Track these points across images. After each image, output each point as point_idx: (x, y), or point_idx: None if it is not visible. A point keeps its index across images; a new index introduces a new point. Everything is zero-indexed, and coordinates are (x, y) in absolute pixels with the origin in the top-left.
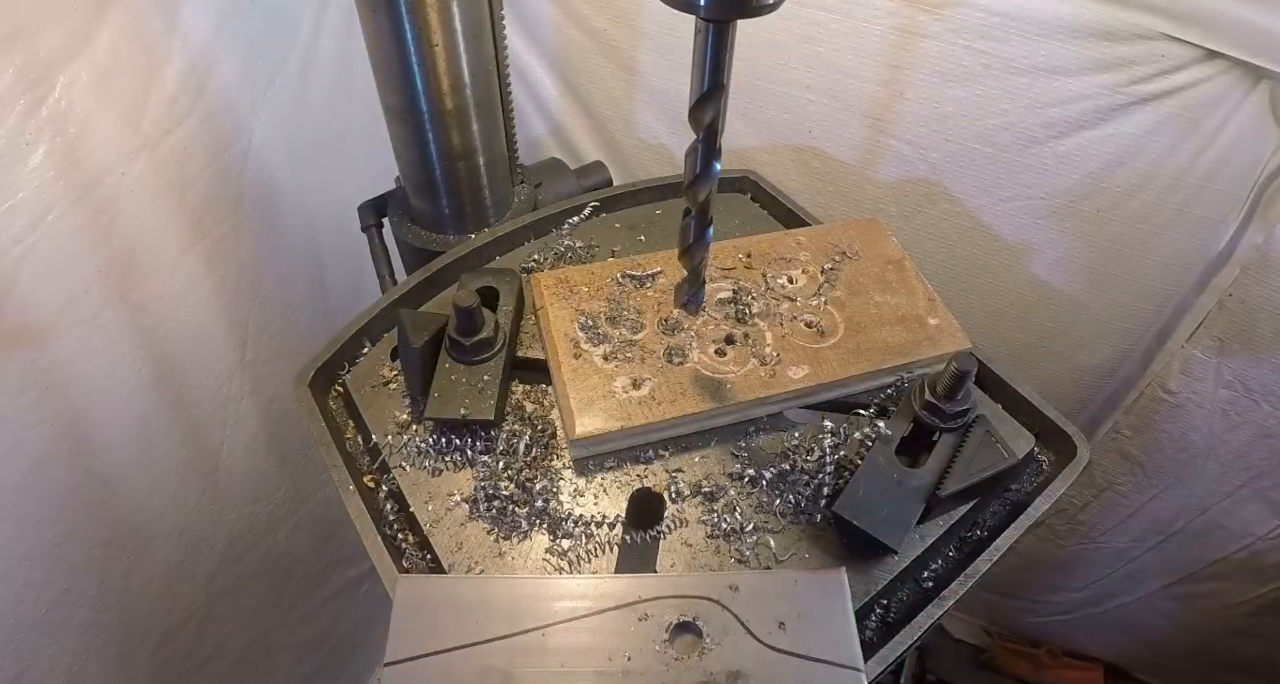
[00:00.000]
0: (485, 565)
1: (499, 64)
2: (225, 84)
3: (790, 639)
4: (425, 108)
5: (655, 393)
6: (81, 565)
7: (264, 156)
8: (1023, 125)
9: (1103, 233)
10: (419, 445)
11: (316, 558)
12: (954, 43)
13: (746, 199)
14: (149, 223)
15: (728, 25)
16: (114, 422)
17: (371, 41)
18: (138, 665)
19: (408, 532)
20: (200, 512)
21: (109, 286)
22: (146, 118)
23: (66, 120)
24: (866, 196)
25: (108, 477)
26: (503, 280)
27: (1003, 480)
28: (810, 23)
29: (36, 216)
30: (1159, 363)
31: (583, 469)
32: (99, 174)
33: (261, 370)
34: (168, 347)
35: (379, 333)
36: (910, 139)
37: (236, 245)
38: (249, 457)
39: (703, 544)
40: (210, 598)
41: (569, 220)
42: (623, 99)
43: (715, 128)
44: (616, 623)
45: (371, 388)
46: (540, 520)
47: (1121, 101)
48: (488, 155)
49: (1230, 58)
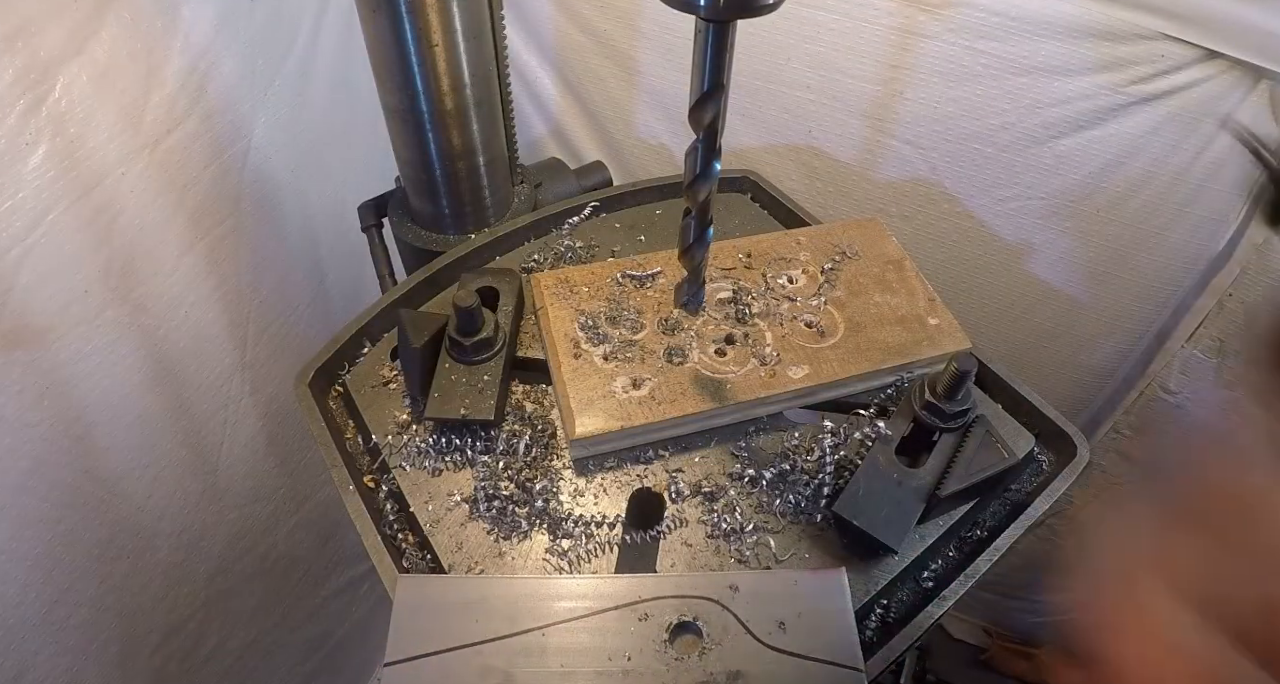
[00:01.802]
0: (485, 565)
1: (499, 64)
2: (225, 84)
3: (790, 639)
4: (425, 108)
5: (655, 393)
6: (81, 565)
7: (264, 156)
8: (1023, 125)
9: (1103, 233)
10: (419, 445)
11: (316, 558)
12: (954, 43)
13: (746, 199)
14: (149, 223)
15: (728, 25)
16: (114, 422)
17: (371, 41)
18: (138, 665)
19: (408, 532)
20: (200, 512)
21: (109, 287)
22: (146, 118)
23: (66, 120)
24: (866, 196)
25: (108, 477)
26: (503, 280)
27: (1003, 480)
28: (810, 23)
29: (36, 217)
30: (1159, 363)
31: (583, 469)
32: (99, 174)
33: (261, 370)
34: (168, 347)
35: (379, 333)
36: (910, 139)
37: (236, 245)
38: (249, 457)
39: (703, 544)
40: (210, 598)
41: (569, 220)
42: (623, 99)
43: (715, 128)
44: (616, 623)
45: (371, 388)
46: (540, 520)
47: (1121, 101)
48: (488, 155)
49: (1230, 58)
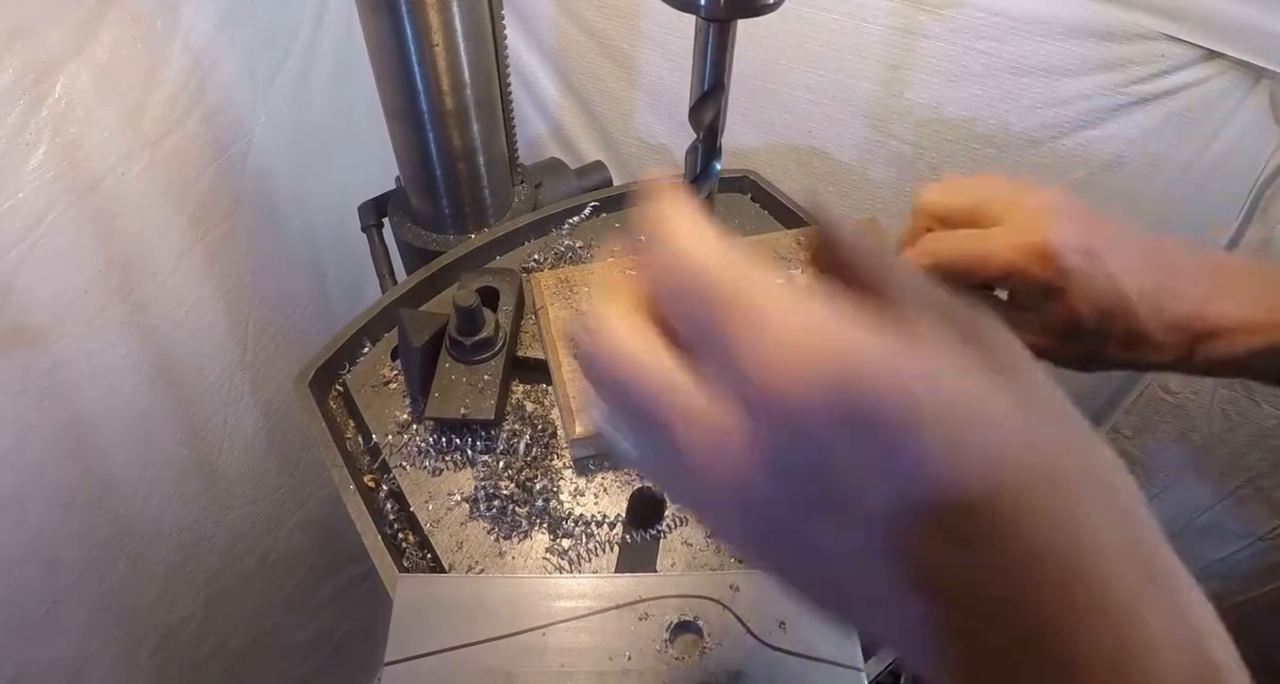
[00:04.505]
0: (485, 565)
1: (499, 64)
2: (225, 84)
3: (790, 639)
4: (425, 108)
5: None
6: (81, 565)
7: (264, 156)
8: (1023, 125)
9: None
10: (419, 445)
11: (317, 558)
12: (954, 43)
13: (746, 199)
14: (149, 223)
15: (728, 25)
16: (114, 422)
17: (371, 41)
18: (138, 665)
19: (408, 531)
20: (200, 512)
21: (109, 287)
22: (146, 118)
23: (66, 120)
24: (866, 197)
25: (108, 477)
26: (503, 280)
27: None
28: (810, 23)
29: (36, 216)
30: None
31: (583, 469)
32: (99, 174)
33: (261, 370)
34: (168, 347)
35: (379, 333)
36: (910, 139)
37: (236, 245)
38: (249, 457)
39: (703, 544)
40: (210, 598)
41: (569, 220)
42: (623, 99)
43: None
44: (617, 623)
45: (371, 388)
46: (540, 520)
47: (1122, 101)
48: (488, 155)
49: (1230, 58)
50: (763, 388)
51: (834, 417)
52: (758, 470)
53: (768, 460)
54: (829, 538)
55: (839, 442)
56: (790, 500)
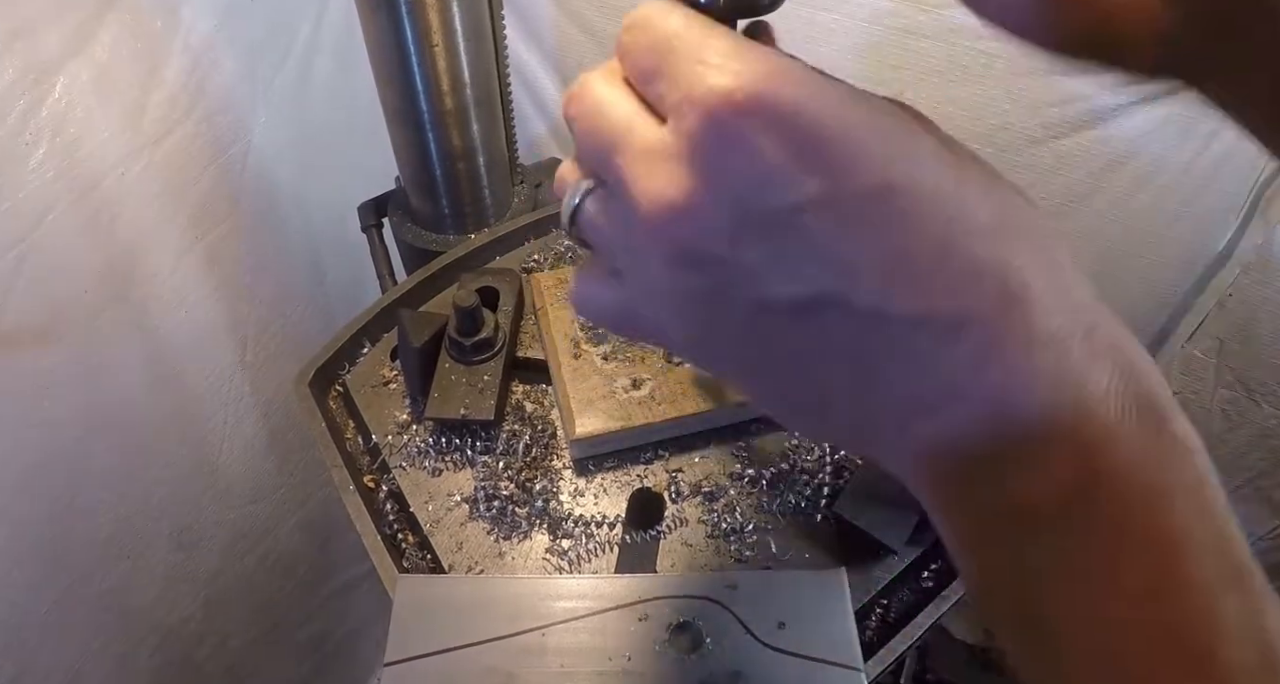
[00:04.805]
0: (485, 565)
1: (499, 64)
2: (225, 84)
3: (790, 639)
4: (425, 108)
5: (655, 393)
6: (81, 565)
7: (264, 156)
8: (1022, 125)
9: (1103, 233)
10: (419, 445)
11: (317, 558)
12: (954, 43)
13: None
14: (149, 223)
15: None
16: (114, 422)
17: (371, 41)
18: (138, 666)
19: (408, 532)
20: (200, 512)
21: (109, 287)
22: (146, 118)
23: (66, 120)
24: None
25: (108, 477)
26: (503, 280)
27: None
28: (810, 23)
29: (36, 217)
30: (1159, 363)
31: (583, 469)
32: (99, 174)
33: (261, 370)
34: (168, 347)
35: (379, 333)
36: None
37: (236, 245)
38: (249, 457)
39: (703, 544)
40: (210, 598)
41: None
42: None
43: None
44: (616, 623)
45: (371, 388)
46: (540, 520)
47: (1122, 101)
48: (487, 155)
49: None
50: (701, 97)
51: (763, 124)
52: (696, 191)
53: (704, 172)
54: (787, 288)
55: (768, 142)
56: (738, 255)
